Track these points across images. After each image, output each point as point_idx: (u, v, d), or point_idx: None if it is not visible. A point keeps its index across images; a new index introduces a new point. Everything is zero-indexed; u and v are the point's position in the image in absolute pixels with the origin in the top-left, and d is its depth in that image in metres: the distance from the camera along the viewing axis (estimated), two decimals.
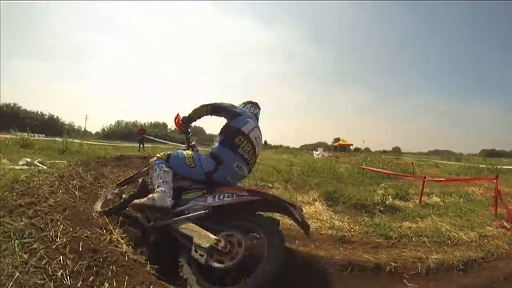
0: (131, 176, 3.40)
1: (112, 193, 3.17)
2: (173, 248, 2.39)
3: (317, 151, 32.43)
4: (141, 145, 19.55)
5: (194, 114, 2.83)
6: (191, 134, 3.08)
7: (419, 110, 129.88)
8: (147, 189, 2.73)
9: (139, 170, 3.36)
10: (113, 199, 3.08)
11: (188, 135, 3.04)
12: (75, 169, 5.24)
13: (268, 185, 6.60)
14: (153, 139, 26.45)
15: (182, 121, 2.92)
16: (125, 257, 2.13)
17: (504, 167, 16.43)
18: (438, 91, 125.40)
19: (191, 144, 3.06)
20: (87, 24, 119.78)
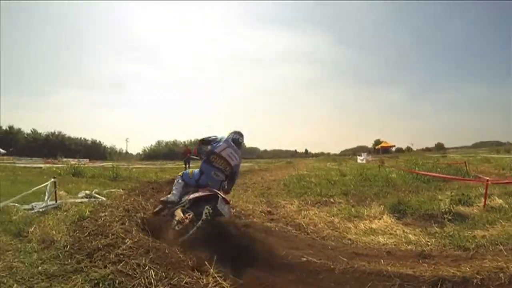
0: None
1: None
2: None
3: (361, 156, 31.76)
4: (187, 165, 20.52)
5: (198, 146, 4.46)
6: (204, 157, 4.30)
7: (456, 102, 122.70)
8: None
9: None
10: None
11: (201, 159, 4.39)
12: (136, 199, 5.85)
13: (331, 200, 6.98)
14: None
15: (198, 151, 4.46)
16: None
17: None
18: (475, 79, 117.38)
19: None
20: (131, 55, 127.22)
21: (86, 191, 6.51)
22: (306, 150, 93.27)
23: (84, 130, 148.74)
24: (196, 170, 4.19)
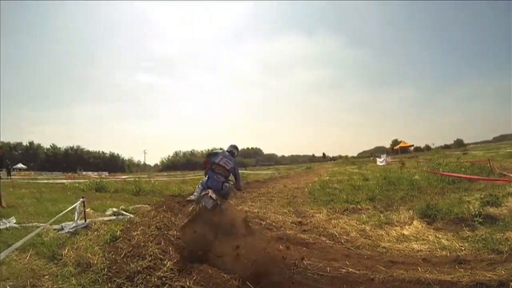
0: None
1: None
2: None
3: (381, 158, 31.09)
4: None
5: (206, 158, 5.62)
6: (209, 166, 5.41)
7: (473, 95, 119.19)
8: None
9: None
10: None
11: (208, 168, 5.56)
12: (165, 216, 6.18)
13: (358, 207, 7.15)
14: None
15: (206, 162, 5.58)
16: None
17: None
18: (488, 71, 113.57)
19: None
20: (145, 64, 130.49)
21: (113, 208, 6.60)
22: (323, 154, 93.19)
23: (101, 143, 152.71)
24: (206, 177, 5.48)
